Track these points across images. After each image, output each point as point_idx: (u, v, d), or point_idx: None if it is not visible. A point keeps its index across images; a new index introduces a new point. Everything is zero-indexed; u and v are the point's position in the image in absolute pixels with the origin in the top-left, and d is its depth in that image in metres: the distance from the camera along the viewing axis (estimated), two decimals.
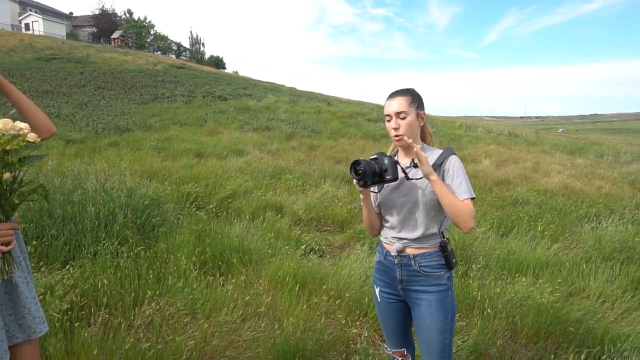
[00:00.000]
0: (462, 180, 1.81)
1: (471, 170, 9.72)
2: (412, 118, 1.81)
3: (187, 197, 5.77)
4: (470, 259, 4.10)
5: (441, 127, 18.15)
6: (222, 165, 8.77)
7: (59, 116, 15.36)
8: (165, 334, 2.65)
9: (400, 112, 1.79)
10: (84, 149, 10.35)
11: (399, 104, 1.80)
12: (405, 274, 1.87)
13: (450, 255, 1.88)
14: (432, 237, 1.85)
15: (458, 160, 1.86)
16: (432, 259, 1.85)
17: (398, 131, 1.80)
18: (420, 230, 1.83)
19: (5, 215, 1.49)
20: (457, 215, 1.73)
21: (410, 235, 1.85)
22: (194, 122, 16.39)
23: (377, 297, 2.01)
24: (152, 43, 54.36)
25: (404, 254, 1.87)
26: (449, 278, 1.91)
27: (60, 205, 3.99)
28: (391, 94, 1.87)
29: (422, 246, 1.85)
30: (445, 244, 1.87)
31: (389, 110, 1.82)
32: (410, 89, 1.87)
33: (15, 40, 32.03)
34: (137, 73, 26.11)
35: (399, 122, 1.80)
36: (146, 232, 4.27)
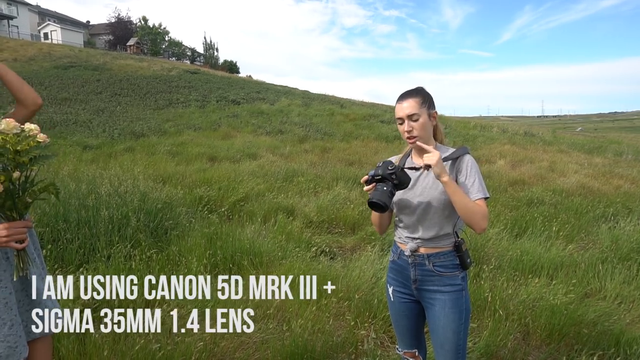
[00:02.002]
0: (475, 180, 1.79)
1: (485, 170, 9.61)
2: (424, 119, 1.79)
3: (200, 201, 5.82)
4: (482, 260, 4.05)
5: (455, 127, 17.99)
6: (235, 168, 8.84)
7: (76, 122, 15.68)
8: (175, 336, 2.68)
9: (412, 115, 1.77)
10: (100, 155, 10.53)
11: (410, 106, 1.78)
12: (419, 273, 1.86)
13: (464, 255, 1.87)
14: (446, 237, 1.84)
15: (472, 159, 1.85)
16: (446, 258, 1.85)
17: (411, 133, 1.79)
18: (435, 230, 1.82)
19: (18, 213, 1.53)
20: (469, 216, 1.72)
21: (424, 235, 1.84)
22: (208, 127, 16.57)
23: (390, 297, 2.01)
24: (166, 49, 55.12)
25: (418, 254, 1.86)
26: (464, 278, 1.90)
27: (75, 209, 4.07)
28: (401, 95, 1.84)
29: (436, 246, 1.84)
30: (459, 243, 1.85)
31: (400, 114, 1.80)
32: (419, 89, 1.85)
33: (35, 50, 32.86)
34: (152, 79, 26.51)
35: (412, 125, 1.78)
36: (159, 235, 4.33)
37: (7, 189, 1.46)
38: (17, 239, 1.51)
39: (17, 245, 1.52)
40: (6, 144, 1.42)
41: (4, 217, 1.51)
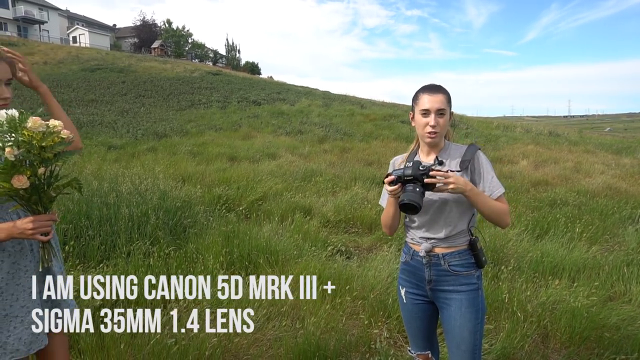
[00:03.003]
0: (493, 176, 1.81)
1: (507, 171, 9.44)
2: (447, 117, 1.79)
3: (218, 200, 5.89)
4: (501, 261, 3.97)
5: (477, 127, 17.72)
6: (254, 168, 8.91)
7: (102, 123, 16.07)
8: (190, 331, 2.71)
9: (441, 109, 1.76)
10: (124, 154, 10.77)
11: (440, 100, 1.76)
12: (435, 274, 1.85)
13: (479, 253, 1.85)
14: (460, 235, 1.83)
15: (484, 155, 1.85)
16: (462, 257, 1.83)
17: (435, 129, 1.77)
18: (449, 228, 1.81)
19: (44, 207, 1.59)
20: (496, 217, 1.76)
21: (438, 235, 1.82)
22: (229, 127, 16.74)
23: (403, 298, 1.99)
24: (190, 51, 55.99)
25: (433, 254, 1.84)
26: (479, 277, 1.88)
27: (97, 207, 4.18)
28: (429, 88, 1.81)
29: (451, 245, 1.83)
30: (474, 241, 1.84)
31: (428, 105, 1.77)
32: (444, 88, 1.84)
33: (64, 53, 33.83)
34: (175, 80, 26.96)
35: (438, 120, 1.76)
36: (177, 233, 4.40)
37: (33, 184, 1.51)
38: (43, 231, 1.57)
39: (43, 237, 1.58)
40: (32, 140, 1.47)
41: (30, 210, 1.57)
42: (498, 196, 1.79)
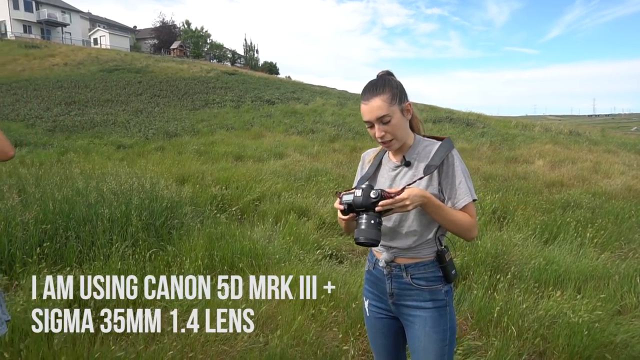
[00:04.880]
0: (461, 181, 1.56)
1: (521, 171, 9.05)
2: (398, 117, 1.52)
3: (213, 200, 5.73)
4: (500, 269, 3.69)
5: (494, 127, 17.21)
6: (258, 167, 8.74)
7: (115, 123, 16.18)
8: (156, 340, 2.54)
9: (382, 117, 1.50)
10: (131, 154, 10.75)
11: (377, 107, 1.49)
12: (396, 286, 1.62)
13: (448, 265, 1.61)
14: (426, 245, 1.60)
15: (458, 155, 1.59)
16: (427, 270, 1.60)
17: (384, 139, 1.53)
18: (413, 238, 1.58)
19: None
20: (457, 230, 1.55)
21: (401, 244, 1.59)
22: (241, 126, 16.66)
23: (366, 311, 1.77)
24: (208, 52, 56.40)
25: (394, 264, 1.62)
26: (448, 292, 1.64)
27: (78, 207, 4.05)
28: (364, 92, 1.55)
29: (415, 256, 1.60)
30: (442, 252, 1.60)
31: (367, 117, 1.52)
32: (386, 80, 1.55)
33: (84, 54, 34.42)
34: (190, 80, 27.11)
35: (384, 129, 1.51)
36: (163, 235, 4.24)
37: None
38: None
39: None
40: None
41: None
42: (463, 206, 1.55)
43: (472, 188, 1.58)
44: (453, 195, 1.55)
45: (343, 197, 1.49)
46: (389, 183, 1.62)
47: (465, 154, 11.41)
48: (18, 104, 19.16)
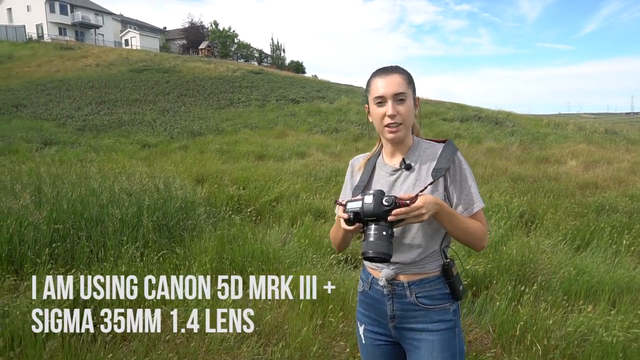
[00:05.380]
0: (471, 185, 1.42)
1: (552, 172, 8.62)
2: (410, 103, 1.40)
3: (230, 200, 5.65)
4: (526, 278, 3.44)
5: (525, 125, 16.60)
6: (279, 167, 8.64)
7: (142, 122, 16.43)
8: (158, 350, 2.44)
9: (399, 94, 1.37)
10: (155, 153, 10.85)
11: (397, 82, 1.37)
12: (399, 307, 1.45)
13: (456, 281, 1.44)
14: (431, 259, 1.43)
15: (463, 158, 1.45)
16: (433, 287, 1.43)
17: (395, 119, 1.37)
18: (417, 250, 1.41)
19: None
20: (469, 239, 1.40)
21: (404, 258, 1.42)
22: (265, 125, 16.66)
23: (361, 338, 1.59)
24: (235, 52, 56.91)
25: (396, 282, 1.44)
26: (456, 312, 1.48)
27: (91, 207, 4.02)
28: (382, 70, 1.42)
29: (420, 271, 1.43)
30: (448, 266, 1.44)
31: (383, 91, 1.37)
32: (403, 68, 1.44)
33: (115, 55, 35.24)
34: (216, 80, 27.35)
35: (397, 108, 1.37)
36: (175, 236, 4.16)
37: None
38: None
39: None
40: None
41: None
42: (475, 212, 1.40)
43: (479, 194, 1.44)
44: (464, 201, 1.41)
45: (348, 205, 1.32)
46: (387, 189, 1.46)
47: (493, 153, 11.01)
48: (51, 103, 19.73)
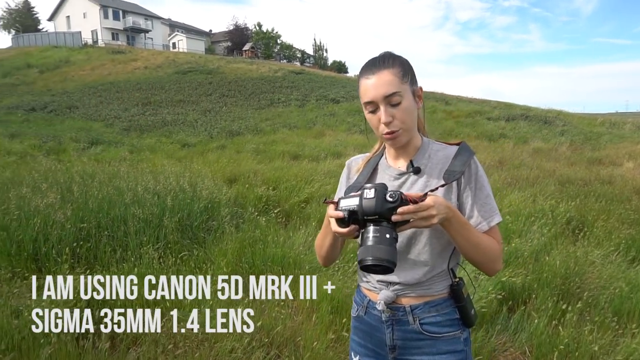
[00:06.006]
0: (489, 194, 1.19)
1: (606, 174, 7.98)
2: (409, 101, 1.15)
3: (259, 201, 5.56)
4: (570, 294, 3.09)
5: (577, 125, 15.63)
6: (313, 167, 8.51)
7: (184, 122, 16.83)
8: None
9: (392, 95, 1.12)
10: (194, 152, 11.01)
11: (386, 81, 1.13)
12: (400, 336, 1.23)
13: (467, 304, 1.22)
14: (438, 279, 1.21)
15: (479, 164, 1.21)
16: (440, 311, 1.21)
17: (392, 126, 1.14)
18: (423, 269, 1.19)
19: None
20: (481, 257, 1.15)
21: (406, 278, 1.20)
22: (303, 125, 16.64)
23: None
24: (278, 53, 57.52)
25: (397, 306, 1.23)
26: (467, 341, 1.25)
27: (116, 206, 4.03)
28: (367, 67, 1.18)
29: (425, 293, 1.21)
30: (458, 287, 1.21)
31: (371, 95, 1.14)
32: (394, 56, 1.19)
33: (162, 58, 36.46)
34: (258, 80, 27.66)
35: (392, 112, 1.13)
36: (198, 237, 4.10)
37: None
38: None
39: None
40: None
41: None
42: (491, 226, 1.17)
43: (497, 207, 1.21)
44: (478, 212, 1.17)
45: (342, 202, 1.08)
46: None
47: (541, 154, 10.38)
48: (101, 105, 20.61)
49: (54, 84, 26.64)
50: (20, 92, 23.83)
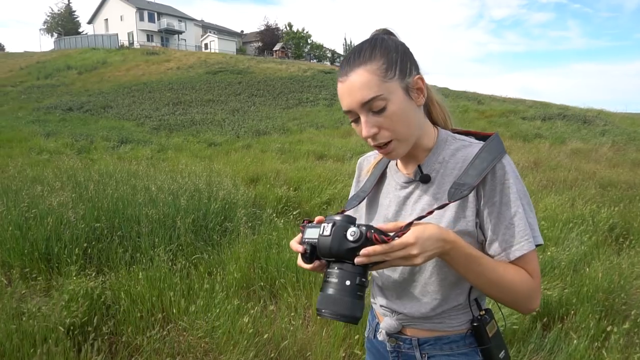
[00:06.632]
0: (517, 212, 0.88)
1: None
2: (399, 101, 0.87)
3: (279, 201, 5.40)
4: (616, 311, 2.76)
5: (619, 124, 14.79)
6: (337, 168, 8.30)
7: (212, 122, 16.93)
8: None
9: (371, 101, 0.86)
10: (219, 151, 10.99)
11: (361, 84, 0.86)
12: None
13: (493, 347, 0.96)
14: (454, 312, 0.97)
15: (512, 167, 0.91)
16: (457, 350, 0.97)
17: (379, 137, 0.89)
18: (431, 302, 0.96)
19: None
20: (503, 294, 0.89)
21: (411, 311, 0.98)
22: (331, 125, 16.46)
23: None
24: (309, 52, 57.53)
25: (403, 337, 1.01)
26: None
27: (129, 206, 3.94)
28: (340, 66, 0.93)
29: (435, 327, 0.98)
30: (481, 324, 0.96)
31: (346, 104, 0.90)
32: (377, 43, 0.90)
33: (194, 58, 37.05)
34: (287, 80, 27.66)
35: (376, 122, 0.88)
36: (213, 239, 3.97)
37: None
38: None
39: None
40: None
41: None
42: (519, 255, 0.88)
43: (536, 225, 0.91)
44: (503, 237, 0.89)
45: (307, 232, 0.88)
46: (394, 209, 1.01)
47: (579, 155, 9.81)
48: (134, 105, 21.03)
49: (91, 84, 27.46)
50: (59, 92, 24.66)
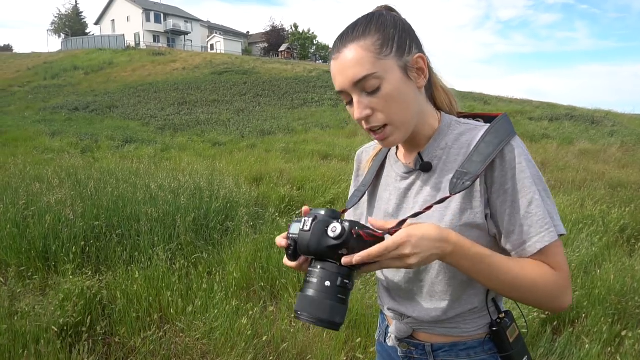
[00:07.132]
0: (533, 200, 0.79)
1: None
2: (395, 81, 0.79)
3: (282, 201, 5.32)
4: (629, 314, 2.66)
5: (627, 125, 14.59)
6: (342, 167, 8.21)
7: (217, 122, 16.91)
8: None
9: (364, 79, 0.78)
10: (223, 151, 10.94)
11: (354, 62, 0.78)
12: None
13: (514, 354, 0.86)
14: (470, 316, 0.88)
15: (524, 149, 0.82)
16: (475, 357, 0.88)
17: (373, 120, 0.81)
18: (441, 305, 0.87)
19: None
20: (524, 295, 0.79)
21: (420, 314, 0.89)
22: (336, 125, 16.38)
23: None
24: (314, 53, 57.53)
25: (415, 342, 0.93)
26: None
27: (128, 204, 3.88)
28: (334, 43, 0.85)
29: (448, 332, 0.89)
30: (501, 326, 0.86)
31: (338, 83, 0.83)
32: (373, 18, 0.82)
33: (200, 59, 37.13)
34: (292, 80, 27.61)
35: (370, 102, 0.80)
36: (214, 239, 3.90)
37: None
38: None
39: None
40: None
41: None
42: (538, 249, 0.78)
43: (556, 213, 0.81)
44: (518, 228, 0.80)
45: (292, 226, 0.81)
46: (395, 202, 0.92)
47: (588, 156, 9.66)
48: (140, 105, 21.08)
49: (97, 85, 27.57)
50: (66, 92, 24.79)
